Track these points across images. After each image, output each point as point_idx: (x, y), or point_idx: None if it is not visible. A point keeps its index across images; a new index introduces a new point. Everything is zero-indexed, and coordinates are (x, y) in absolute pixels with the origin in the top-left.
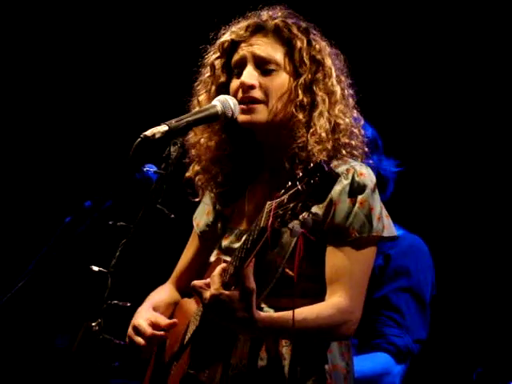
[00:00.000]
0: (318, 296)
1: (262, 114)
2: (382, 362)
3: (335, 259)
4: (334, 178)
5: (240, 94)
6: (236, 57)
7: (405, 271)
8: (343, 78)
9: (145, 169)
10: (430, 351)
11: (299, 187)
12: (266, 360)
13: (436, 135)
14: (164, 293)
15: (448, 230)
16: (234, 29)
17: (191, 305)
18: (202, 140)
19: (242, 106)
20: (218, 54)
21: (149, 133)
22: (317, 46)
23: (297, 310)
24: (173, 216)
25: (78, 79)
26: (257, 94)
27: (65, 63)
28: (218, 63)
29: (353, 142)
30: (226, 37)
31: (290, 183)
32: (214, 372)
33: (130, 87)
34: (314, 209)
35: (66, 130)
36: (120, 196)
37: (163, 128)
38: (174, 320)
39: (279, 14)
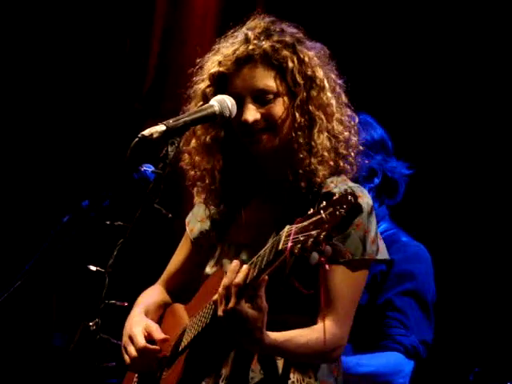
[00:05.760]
0: (314, 314)
1: (268, 141)
2: (394, 359)
3: (329, 281)
4: (360, 210)
5: (245, 129)
6: (231, 91)
7: (408, 276)
8: (333, 76)
9: (142, 168)
10: (428, 351)
11: (323, 216)
12: (257, 372)
13: (445, 142)
14: (154, 295)
15: (448, 232)
16: (220, 58)
17: (184, 312)
18: (196, 147)
19: (248, 138)
20: (208, 83)
21: (146, 132)
22: (306, 59)
23: (298, 334)
24: (170, 216)
25: (76, 79)
26: (260, 125)
27: (63, 62)
28: (209, 91)
29: (351, 152)
30: (215, 67)
31: (312, 210)
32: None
33: (128, 88)
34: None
35: (64, 129)
36: (117, 196)
37: (161, 128)
38: (167, 336)
39: (263, 25)
